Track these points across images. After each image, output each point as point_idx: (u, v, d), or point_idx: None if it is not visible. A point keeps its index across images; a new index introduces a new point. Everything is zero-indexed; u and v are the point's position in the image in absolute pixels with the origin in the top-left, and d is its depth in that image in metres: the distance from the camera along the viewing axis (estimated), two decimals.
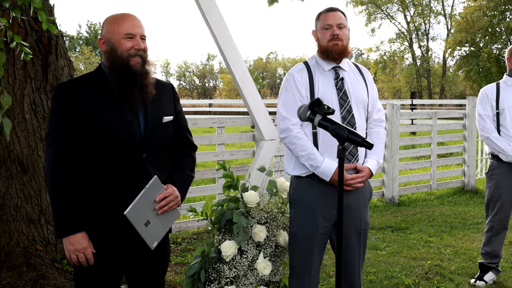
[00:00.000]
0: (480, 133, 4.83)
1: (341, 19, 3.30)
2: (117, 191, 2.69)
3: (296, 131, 3.23)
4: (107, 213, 2.70)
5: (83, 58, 52.45)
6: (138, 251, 2.84)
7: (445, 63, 46.55)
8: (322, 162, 3.18)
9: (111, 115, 2.66)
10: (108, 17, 2.78)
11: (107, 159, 2.67)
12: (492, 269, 4.87)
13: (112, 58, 2.69)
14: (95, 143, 2.66)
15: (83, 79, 2.75)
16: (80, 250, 2.64)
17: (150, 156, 2.76)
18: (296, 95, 3.27)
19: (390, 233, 6.66)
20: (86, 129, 2.64)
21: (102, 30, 2.77)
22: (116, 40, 2.68)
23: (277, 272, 3.85)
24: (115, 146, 2.67)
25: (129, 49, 2.68)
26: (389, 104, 8.52)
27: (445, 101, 27.47)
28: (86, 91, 2.68)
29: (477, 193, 9.33)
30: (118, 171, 2.68)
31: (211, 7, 5.04)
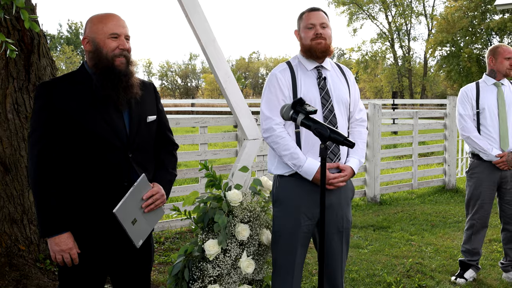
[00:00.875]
0: (461, 133, 4.90)
1: (324, 18, 3.34)
2: (104, 190, 2.69)
3: (279, 130, 3.26)
4: (93, 212, 2.70)
5: (64, 57, 52.06)
6: (123, 250, 2.85)
7: (426, 63, 46.91)
8: (305, 161, 3.21)
9: (96, 115, 2.66)
10: (92, 16, 2.78)
11: (93, 159, 2.67)
12: (472, 267, 4.94)
13: (96, 58, 2.69)
14: (80, 143, 2.65)
15: (66, 78, 2.74)
16: (65, 251, 2.64)
17: (135, 155, 2.77)
18: (279, 95, 3.29)
19: (372, 231, 6.72)
20: (71, 129, 2.64)
21: (85, 30, 2.76)
22: (101, 40, 2.68)
23: (260, 270, 3.87)
24: (102, 146, 2.67)
25: (114, 49, 2.69)
26: (371, 103, 8.59)
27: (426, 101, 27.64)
28: (70, 91, 2.67)
29: (457, 192, 9.44)
30: (105, 170, 2.68)
31: (194, 7, 5.05)
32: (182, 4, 4.99)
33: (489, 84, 4.82)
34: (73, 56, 53.34)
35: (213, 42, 5.22)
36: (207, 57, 5.24)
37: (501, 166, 4.70)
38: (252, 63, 70.57)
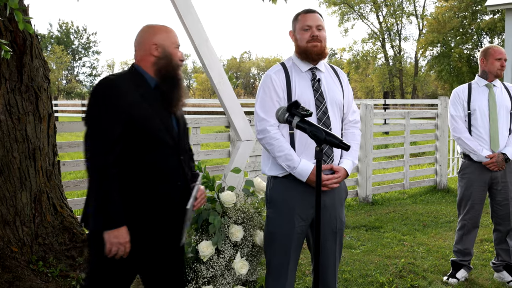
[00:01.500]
0: (452, 134, 4.93)
1: (320, 20, 3.34)
2: (161, 189, 2.83)
3: (274, 132, 3.26)
4: (149, 211, 2.81)
5: (54, 57, 51.82)
6: (165, 249, 2.96)
7: (417, 63, 47.10)
8: (299, 163, 3.22)
9: (156, 117, 2.82)
10: (152, 26, 2.97)
11: (152, 159, 2.81)
12: (464, 267, 4.97)
13: (164, 64, 2.87)
14: (141, 142, 2.78)
15: (125, 77, 2.85)
16: (122, 244, 2.73)
17: (183, 157, 2.97)
18: (274, 96, 3.30)
19: (364, 232, 6.75)
20: (132, 128, 2.75)
21: (149, 37, 2.90)
22: (171, 49, 2.90)
23: (254, 271, 3.89)
24: (160, 147, 2.83)
25: (180, 58, 2.94)
26: (363, 104, 8.62)
27: (417, 101, 27.78)
28: (131, 91, 2.79)
29: (449, 192, 9.48)
30: (163, 170, 2.84)
31: (187, 8, 5.05)
32: (175, 4, 4.98)
33: (481, 86, 4.85)
34: (63, 56, 53.10)
35: (206, 43, 5.22)
36: (200, 58, 5.24)
37: (491, 167, 4.72)
38: (244, 62, 70.56)
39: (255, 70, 69.73)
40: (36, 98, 4.44)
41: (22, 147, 4.34)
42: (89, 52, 61.02)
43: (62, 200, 4.70)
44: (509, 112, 4.81)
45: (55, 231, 4.54)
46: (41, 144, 4.47)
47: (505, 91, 4.86)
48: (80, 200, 6.08)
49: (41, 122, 4.49)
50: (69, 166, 5.81)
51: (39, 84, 4.47)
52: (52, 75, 46.71)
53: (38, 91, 4.45)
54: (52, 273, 4.34)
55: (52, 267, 4.39)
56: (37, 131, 4.44)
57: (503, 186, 4.80)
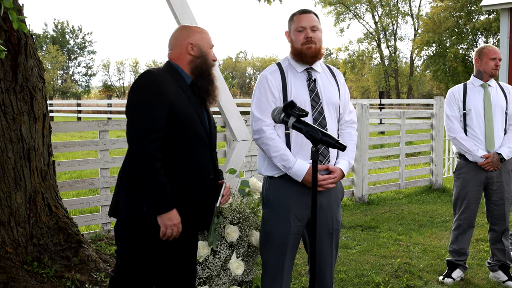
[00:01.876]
0: (448, 134, 4.93)
1: (315, 21, 3.32)
2: (195, 182, 2.96)
3: (269, 132, 3.26)
4: (182, 202, 2.91)
5: (49, 57, 51.67)
6: (190, 240, 3.13)
7: (413, 63, 47.12)
8: (295, 163, 3.21)
9: (194, 113, 2.94)
10: (188, 26, 3.18)
11: (187, 152, 2.93)
12: (459, 266, 4.97)
13: (200, 63, 3.02)
14: (178, 135, 2.90)
15: (165, 72, 2.97)
16: (176, 224, 2.85)
17: (213, 152, 3.13)
18: (269, 96, 3.30)
19: (360, 231, 6.75)
20: (173, 121, 2.86)
21: (187, 36, 3.05)
22: (206, 49, 3.06)
23: (249, 272, 3.88)
24: (196, 141, 2.96)
25: (214, 58, 3.09)
26: (358, 104, 8.62)
27: (412, 101, 27.75)
28: (172, 85, 2.91)
29: (444, 192, 9.50)
30: (197, 164, 2.97)
31: (183, 8, 5.04)
32: (171, 5, 4.97)
33: (476, 86, 4.85)
34: (59, 56, 52.95)
35: None
36: None
37: (486, 167, 4.73)
38: (239, 62, 70.48)
39: (251, 70, 69.68)
40: (31, 98, 4.42)
41: (16, 147, 4.32)
42: (84, 52, 60.83)
43: (57, 201, 4.69)
44: (504, 112, 4.81)
45: (50, 231, 4.52)
46: (36, 144, 4.45)
47: (500, 91, 4.86)
48: (75, 201, 6.06)
49: (36, 122, 4.47)
50: (64, 166, 5.80)
51: (34, 84, 4.46)
52: (47, 74, 46.61)
53: (33, 91, 4.43)
54: (47, 273, 4.33)
55: (47, 268, 4.37)
56: (32, 131, 4.43)
57: (499, 186, 4.81)
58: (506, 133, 4.82)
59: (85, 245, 4.70)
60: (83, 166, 6.07)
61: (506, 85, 4.95)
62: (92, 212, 6.88)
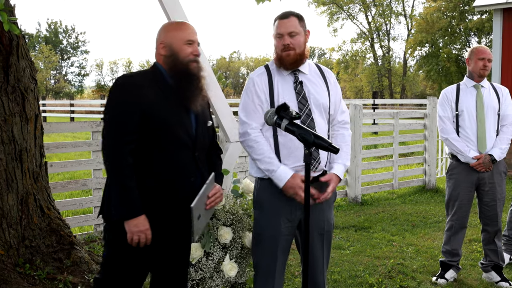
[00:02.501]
0: (440, 134, 4.94)
1: (293, 26, 3.26)
2: (174, 185, 2.88)
3: (254, 135, 3.27)
4: (160, 205, 2.86)
5: (42, 57, 51.49)
6: (173, 244, 3.02)
7: (406, 63, 47.20)
8: (278, 168, 3.21)
9: (173, 114, 2.86)
10: (167, 24, 3.06)
11: (167, 154, 2.86)
12: (452, 267, 4.98)
13: (172, 63, 2.92)
14: (156, 137, 2.83)
15: (145, 74, 2.93)
16: (143, 231, 2.79)
17: (199, 154, 3.00)
18: (255, 99, 3.31)
19: (353, 232, 6.75)
20: (148, 125, 2.81)
21: (160, 36, 2.98)
22: (177, 46, 2.92)
23: (243, 273, 3.87)
24: (175, 143, 2.87)
25: (189, 54, 2.91)
26: (352, 104, 8.63)
27: (406, 101, 27.83)
28: (151, 86, 2.85)
29: (437, 192, 9.51)
30: (176, 167, 2.88)
31: (175, 8, 5.02)
32: (163, 5, 4.95)
33: (469, 87, 4.86)
34: (52, 55, 52.78)
35: None
36: None
37: (478, 168, 4.74)
38: (233, 62, 70.45)
39: (244, 70, 69.63)
40: (23, 99, 4.40)
41: (8, 149, 4.29)
42: (77, 52, 60.70)
43: (49, 202, 4.67)
44: (497, 113, 4.82)
45: (42, 233, 4.50)
46: (27, 145, 4.43)
47: (493, 92, 4.86)
48: (68, 202, 6.04)
49: (28, 123, 4.45)
50: (57, 167, 5.77)
51: (26, 85, 4.43)
52: (40, 74, 46.44)
53: (24, 92, 4.41)
54: (39, 275, 4.31)
55: (39, 270, 4.35)
56: (23, 133, 4.40)
57: (491, 187, 4.82)
58: (498, 135, 4.82)
59: (77, 247, 4.67)
60: (75, 167, 6.05)
61: (500, 86, 4.95)
62: (85, 213, 6.86)
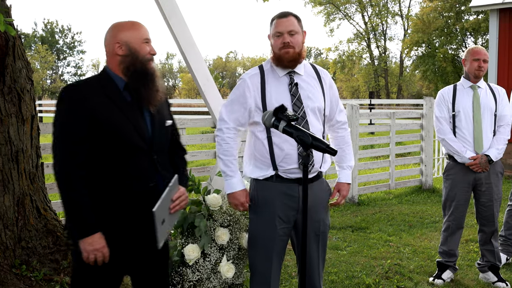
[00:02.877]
0: (437, 135, 4.94)
1: (292, 25, 3.28)
2: (131, 192, 2.76)
3: (228, 135, 3.33)
4: (120, 213, 2.76)
5: (39, 57, 51.38)
6: (144, 251, 2.90)
7: (402, 63, 47.29)
8: (235, 175, 3.31)
9: (123, 118, 2.75)
10: (118, 24, 2.88)
11: (121, 161, 2.75)
12: (449, 267, 4.98)
13: (131, 62, 2.79)
14: (108, 145, 2.73)
15: (90, 82, 2.82)
16: (99, 250, 2.70)
17: (159, 157, 2.87)
18: (240, 100, 3.33)
19: (350, 232, 6.75)
20: (98, 132, 2.71)
21: (113, 36, 2.84)
22: (136, 44, 2.81)
23: (240, 274, 3.87)
24: (129, 149, 2.76)
25: (147, 53, 2.83)
26: (349, 105, 8.63)
27: (402, 101, 27.91)
28: (97, 94, 2.74)
29: (434, 192, 9.52)
30: (132, 172, 2.77)
31: (173, 10, 5.01)
32: (161, 7, 4.94)
33: (465, 87, 4.86)
34: (48, 55, 52.68)
35: (192, 46, 5.19)
36: (186, 61, 5.21)
37: (475, 168, 4.74)
38: (230, 62, 70.47)
39: (241, 69, 69.66)
40: (19, 99, 4.38)
41: (4, 150, 4.28)
42: (74, 52, 60.63)
43: (45, 203, 4.65)
44: (494, 114, 4.82)
45: (38, 234, 4.48)
46: (24, 146, 4.41)
47: (490, 93, 4.87)
48: None
49: (24, 124, 4.43)
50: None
51: (22, 86, 4.42)
52: (36, 74, 46.31)
53: (21, 93, 4.39)
54: (36, 277, 4.29)
55: (36, 271, 4.33)
56: (20, 133, 4.39)
57: (487, 188, 4.82)
58: (495, 135, 4.83)
59: None
60: None
61: (496, 87, 4.95)
62: None
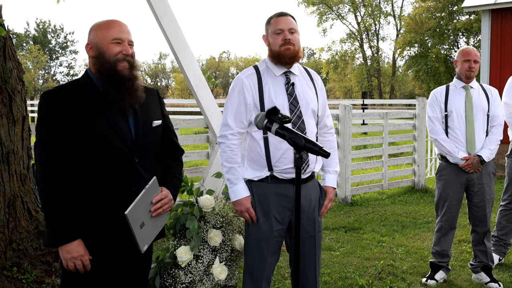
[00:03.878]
0: (430, 135, 4.94)
1: (292, 24, 3.31)
2: (112, 196, 2.70)
3: (232, 142, 3.30)
4: (101, 218, 2.70)
5: (31, 56, 51.20)
6: (126, 256, 2.84)
7: (395, 63, 47.42)
8: (239, 183, 3.29)
9: (102, 121, 2.68)
10: (95, 23, 2.82)
11: (100, 165, 2.68)
12: (442, 268, 4.98)
13: (99, 63, 2.72)
14: (87, 149, 2.67)
15: (70, 85, 2.75)
16: (77, 258, 2.65)
17: (142, 160, 2.79)
18: (241, 101, 3.30)
19: (343, 233, 6.74)
20: (77, 136, 2.65)
21: (89, 36, 2.79)
22: (104, 45, 2.71)
23: (233, 276, 3.85)
24: (108, 152, 2.69)
25: (117, 53, 2.72)
26: (341, 105, 8.62)
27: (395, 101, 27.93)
28: (75, 98, 2.69)
29: (426, 192, 9.54)
30: (112, 177, 2.70)
31: (165, 11, 4.98)
32: (153, 8, 4.92)
33: (458, 87, 4.86)
34: (40, 55, 52.51)
35: (184, 46, 5.16)
36: (179, 61, 5.18)
37: (467, 169, 4.74)
38: (222, 62, 70.45)
39: (234, 69, 69.65)
40: (10, 100, 4.35)
41: None
42: (66, 52, 60.48)
43: (37, 205, 4.62)
44: (486, 114, 4.82)
45: (30, 236, 4.45)
46: (15, 147, 4.38)
47: (482, 93, 4.87)
48: None
49: (15, 125, 4.40)
50: None
51: (13, 86, 4.39)
52: (29, 74, 46.17)
53: (11, 93, 4.36)
54: (27, 279, 4.26)
55: (27, 273, 4.31)
56: (11, 134, 4.36)
57: (480, 188, 4.82)
58: (488, 135, 4.83)
59: None
60: None
61: (489, 87, 4.96)
62: None
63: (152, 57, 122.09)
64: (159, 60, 71.58)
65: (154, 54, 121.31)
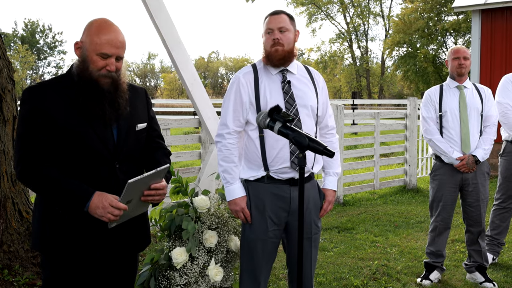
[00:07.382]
0: (424, 135, 4.93)
1: (284, 22, 3.23)
2: None
3: (229, 141, 3.27)
4: (80, 221, 2.61)
5: (18, 56, 50.87)
6: (110, 259, 2.77)
7: (384, 63, 47.63)
8: (235, 182, 3.26)
9: (83, 123, 2.58)
10: (94, 24, 2.66)
11: (80, 168, 2.60)
12: (437, 268, 4.97)
13: (81, 69, 2.61)
14: (67, 151, 2.58)
15: (53, 82, 2.65)
16: (106, 207, 2.50)
17: (122, 165, 2.70)
18: (238, 100, 3.27)
19: (336, 233, 6.72)
20: (56, 135, 2.56)
21: (82, 34, 2.67)
22: (90, 54, 2.59)
23: (228, 277, 3.81)
24: (89, 156, 2.60)
25: (101, 68, 2.60)
26: (333, 105, 8.61)
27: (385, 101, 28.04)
28: (57, 96, 2.59)
29: (418, 192, 9.54)
30: (90, 180, 2.60)
31: (159, 8, 4.93)
32: (147, 5, 4.86)
33: (452, 87, 4.85)
34: (28, 55, 52.17)
35: (179, 44, 5.12)
36: (173, 60, 5.13)
37: (462, 169, 4.73)
38: (212, 62, 70.41)
39: (223, 70, 69.68)
40: (0, 100, 4.30)
41: None
42: (54, 52, 60.18)
43: (28, 206, 4.56)
44: (480, 114, 4.82)
45: (20, 237, 4.39)
46: (5, 148, 4.32)
47: (476, 93, 4.86)
48: None
49: (6, 125, 4.34)
50: None
51: (3, 86, 4.32)
52: (16, 74, 45.84)
53: (2, 93, 4.30)
54: (18, 281, 4.21)
55: (18, 276, 4.25)
56: (1, 135, 4.30)
57: (474, 188, 4.81)
58: (482, 135, 4.83)
59: None
60: None
61: (483, 87, 4.95)
62: None
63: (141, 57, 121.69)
64: (148, 60, 71.42)
65: (143, 54, 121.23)
